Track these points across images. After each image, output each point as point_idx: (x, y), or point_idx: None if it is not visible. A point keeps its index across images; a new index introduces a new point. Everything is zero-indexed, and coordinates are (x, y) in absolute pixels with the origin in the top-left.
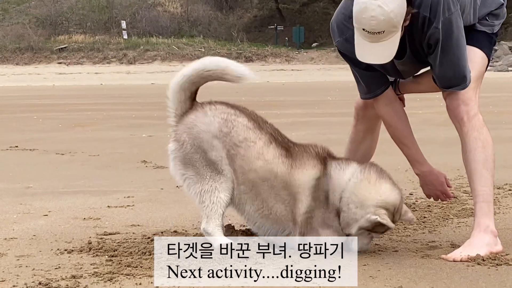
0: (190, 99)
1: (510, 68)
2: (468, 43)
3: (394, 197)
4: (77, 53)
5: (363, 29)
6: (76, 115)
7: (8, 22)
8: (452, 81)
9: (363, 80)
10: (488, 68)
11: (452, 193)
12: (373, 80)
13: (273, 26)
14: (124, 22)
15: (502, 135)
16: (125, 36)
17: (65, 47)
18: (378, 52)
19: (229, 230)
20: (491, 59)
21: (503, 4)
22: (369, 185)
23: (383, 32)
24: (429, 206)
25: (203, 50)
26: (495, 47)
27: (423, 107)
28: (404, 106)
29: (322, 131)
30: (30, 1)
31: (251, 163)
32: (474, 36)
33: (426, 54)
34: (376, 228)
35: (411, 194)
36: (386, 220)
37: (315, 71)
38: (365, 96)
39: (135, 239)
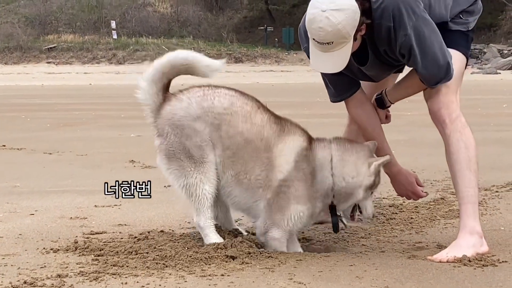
0: (162, 91)
1: (499, 71)
2: None
3: (367, 148)
4: (66, 53)
5: (314, 39)
6: (64, 114)
7: None
8: (438, 75)
9: (332, 83)
10: (477, 70)
11: (425, 192)
12: (341, 83)
13: (263, 27)
14: (114, 22)
15: (490, 137)
16: (115, 36)
17: (54, 47)
18: (329, 62)
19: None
20: (468, 57)
21: (476, 0)
22: (350, 154)
23: (332, 43)
24: (416, 207)
25: (193, 50)
26: (484, 50)
27: (411, 108)
28: (389, 121)
29: (311, 132)
30: (19, 0)
31: (238, 126)
32: (449, 37)
33: (392, 58)
34: (377, 180)
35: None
36: (379, 159)
37: (305, 72)
38: (335, 99)
39: (122, 238)
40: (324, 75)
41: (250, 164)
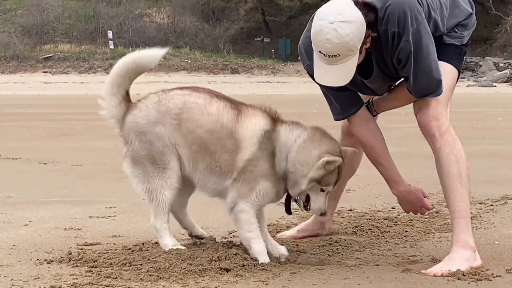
0: (124, 102)
1: (494, 84)
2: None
3: (333, 145)
4: (63, 63)
5: (320, 52)
6: (60, 124)
7: None
8: (428, 89)
9: (336, 100)
10: (473, 83)
11: (431, 204)
12: (346, 100)
13: (259, 38)
14: (111, 32)
15: (485, 150)
16: (111, 46)
17: (50, 56)
18: (335, 74)
19: (210, 242)
20: (460, 71)
21: (471, 13)
22: (311, 144)
23: (339, 55)
24: (411, 220)
25: (189, 61)
26: (480, 63)
27: (407, 121)
28: None
29: None
30: (16, 10)
31: (197, 121)
32: (443, 50)
33: (397, 69)
34: (327, 177)
35: (394, 208)
36: (332, 157)
37: (301, 84)
38: (338, 116)
39: (116, 250)
40: (327, 92)
41: (217, 153)
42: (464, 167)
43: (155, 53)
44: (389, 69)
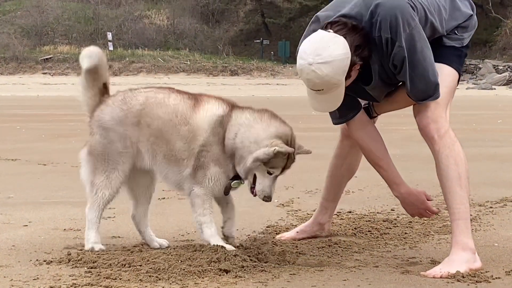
0: (98, 95)
1: (494, 86)
2: (436, 60)
3: (284, 129)
4: (62, 64)
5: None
6: (59, 125)
7: None
8: (426, 92)
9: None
10: (473, 86)
11: (437, 208)
12: (344, 105)
13: (259, 40)
14: (110, 33)
15: (485, 152)
16: (111, 48)
17: (50, 58)
18: (325, 102)
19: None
20: (461, 73)
21: (472, 15)
22: (261, 122)
23: (323, 89)
24: (410, 222)
25: (189, 63)
26: (479, 65)
27: (406, 123)
28: None
29: (306, 145)
30: (16, 11)
31: (155, 113)
32: (443, 52)
33: (394, 74)
34: (274, 161)
35: (393, 210)
36: (284, 147)
37: (300, 86)
38: (337, 121)
39: (115, 251)
40: None
41: (173, 141)
42: (464, 169)
43: (92, 52)
44: (388, 75)
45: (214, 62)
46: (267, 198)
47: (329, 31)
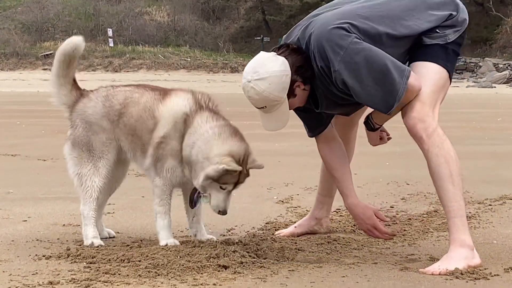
0: (74, 89)
1: (494, 85)
2: (420, 59)
3: (238, 147)
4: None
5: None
6: (59, 121)
7: None
8: (387, 101)
9: (303, 121)
10: (473, 84)
11: (394, 232)
12: (311, 121)
13: (259, 37)
14: (111, 30)
15: (484, 150)
16: (111, 44)
17: (50, 54)
18: (272, 121)
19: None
20: (452, 70)
21: (451, 14)
22: (218, 139)
23: (265, 107)
24: (409, 219)
25: (189, 59)
26: (480, 63)
27: None
28: (385, 142)
29: (305, 142)
30: (16, 7)
31: (130, 112)
32: (426, 51)
33: (347, 96)
34: (225, 177)
35: (392, 207)
36: (232, 165)
37: None
38: (309, 134)
39: (114, 246)
40: (297, 113)
41: (143, 136)
42: (455, 167)
43: (74, 42)
44: (339, 96)
45: (214, 59)
46: (222, 213)
47: (271, 53)
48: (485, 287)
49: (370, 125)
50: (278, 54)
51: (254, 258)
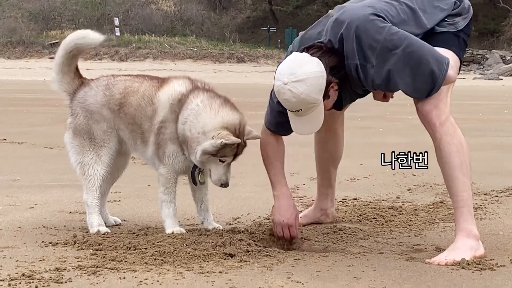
0: (76, 77)
1: (501, 77)
2: (433, 45)
3: (232, 117)
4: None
5: (286, 107)
6: (65, 110)
7: (1, 16)
8: (426, 88)
9: (274, 118)
10: (479, 76)
11: (300, 237)
12: (282, 124)
13: (266, 28)
14: (117, 19)
15: (491, 142)
16: (118, 33)
17: (57, 42)
18: (306, 124)
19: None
20: (462, 58)
21: (455, 3)
22: (209, 111)
23: (301, 109)
24: (415, 210)
25: (195, 49)
26: (487, 55)
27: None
28: (387, 101)
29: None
30: None
31: (130, 102)
32: (438, 38)
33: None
34: (223, 151)
35: (398, 198)
36: (230, 139)
37: None
38: (269, 127)
39: (121, 233)
40: (272, 107)
41: (143, 124)
42: (466, 157)
43: (95, 37)
44: (359, 94)
45: (220, 49)
46: (224, 185)
47: (304, 53)
48: (491, 278)
49: None
50: (311, 55)
51: (260, 246)
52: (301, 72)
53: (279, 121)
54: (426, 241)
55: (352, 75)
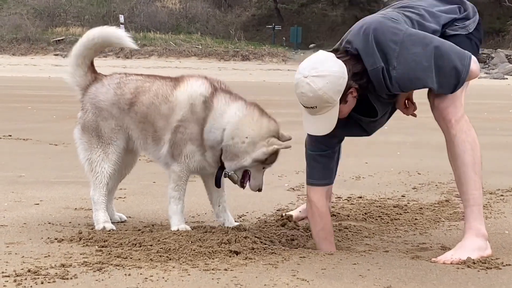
0: (90, 72)
1: (506, 76)
2: None
3: (274, 125)
4: (74, 46)
5: (301, 103)
6: (70, 106)
7: (6, 12)
8: (451, 83)
9: (316, 166)
10: (485, 75)
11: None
12: (325, 168)
13: (271, 26)
14: (122, 16)
15: (496, 141)
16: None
17: (62, 39)
18: (317, 124)
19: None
20: (478, 56)
21: (460, 7)
22: (253, 122)
23: (316, 107)
24: (421, 208)
25: (200, 47)
26: (492, 55)
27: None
28: (415, 115)
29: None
30: None
31: (142, 101)
32: (451, 41)
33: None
34: (270, 158)
35: (403, 196)
36: (281, 144)
37: None
38: (312, 181)
39: (126, 230)
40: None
41: (156, 121)
42: (478, 155)
43: (124, 39)
44: (391, 98)
45: (225, 47)
46: (260, 190)
47: (330, 53)
48: (497, 277)
49: None
50: (337, 57)
51: (265, 244)
52: (323, 68)
53: (320, 167)
54: (432, 240)
55: (378, 80)
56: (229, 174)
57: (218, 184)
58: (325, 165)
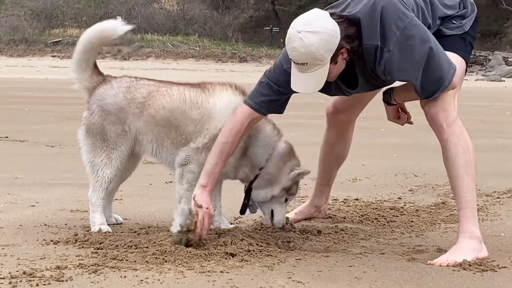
0: (95, 73)
1: (503, 78)
2: None
3: (299, 161)
4: (72, 47)
5: (291, 58)
6: (67, 108)
7: (3, 14)
8: (431, 89)
9: (259, 93)
10: (482, 77)
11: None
12: (272, 104)
13: (268, 28)
14: (120, 17)
15: (492, 143)
16: None
17: (59, 41)
18: (305, 82)
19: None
20: (468, 60)
21: (460, 3)
22: (288, 155)
23: (306, 64)
24: (417, 210)
25: (198, 48)
26: (489, 57)
27: (414, 113)
28: (403, 123)
29: (312, 132)
30: None
31: (159, 104)
32: (445, 41)
33: (384, 80)
34: (293, 187)
35: (400, 198)
36: (303, 169)
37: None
38: (249, 101)
39: (122, 232)
40: (267, 81)
41: (182, 126)
42: (471, 158)
43: (116, 26)
44: (377, 80)
45: (223, 49)
46: (284, 228)
47: (325, 12)
48: (493, 279)
49: (387, 98)
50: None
51: (261, 246)
52: (317, 25)
53: (265, 98)
54: (428, 242)
55: (369, 55)
56: (254, 203)
57: (243, 211)
58: (273, 101)
